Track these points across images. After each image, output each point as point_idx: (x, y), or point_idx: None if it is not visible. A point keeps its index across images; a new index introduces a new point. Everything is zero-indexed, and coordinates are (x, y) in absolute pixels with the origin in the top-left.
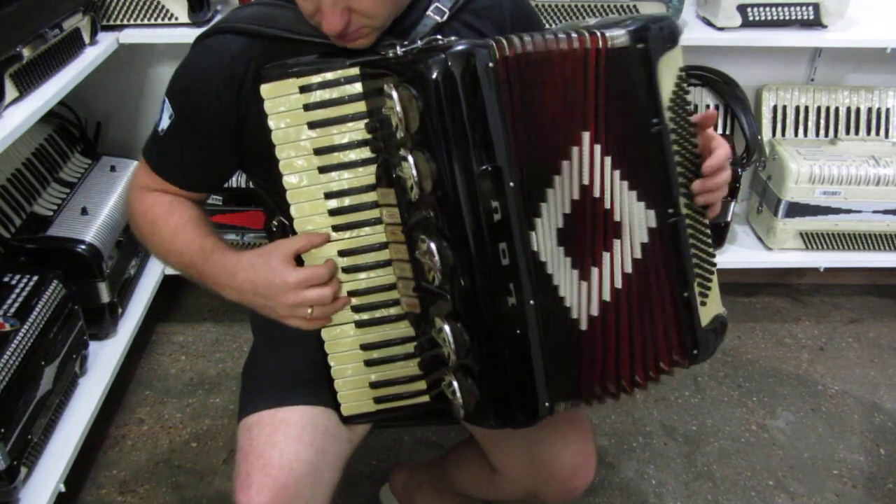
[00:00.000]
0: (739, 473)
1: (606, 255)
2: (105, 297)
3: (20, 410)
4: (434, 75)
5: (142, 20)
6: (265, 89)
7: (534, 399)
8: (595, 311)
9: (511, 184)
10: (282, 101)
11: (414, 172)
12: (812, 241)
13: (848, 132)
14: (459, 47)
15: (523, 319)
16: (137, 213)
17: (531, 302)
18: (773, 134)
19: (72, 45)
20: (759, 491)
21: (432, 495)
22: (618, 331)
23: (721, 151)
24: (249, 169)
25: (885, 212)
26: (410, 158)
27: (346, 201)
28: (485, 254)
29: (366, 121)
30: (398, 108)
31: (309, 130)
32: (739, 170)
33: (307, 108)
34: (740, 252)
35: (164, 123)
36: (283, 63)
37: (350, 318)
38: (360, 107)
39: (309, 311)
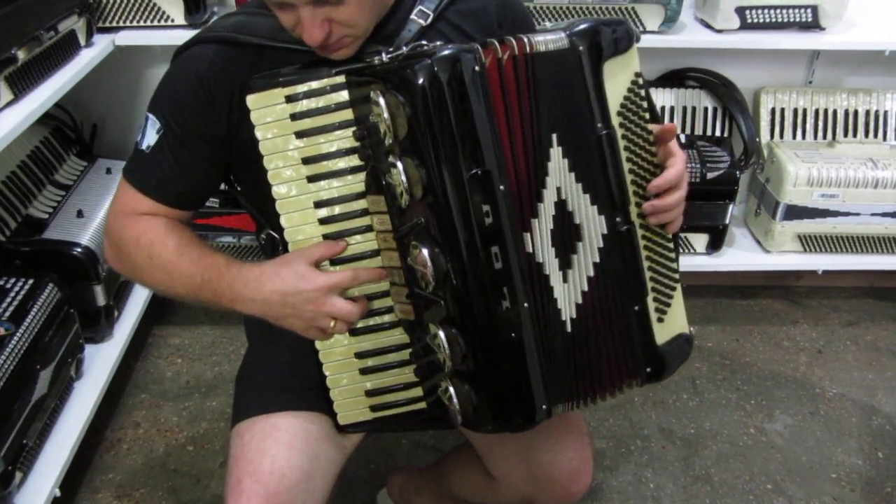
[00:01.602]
0: (737, 477)
1: (574, 258)
2: (101, 300)
3: (15, 415)
4: (420, 81)
5: (137, 22)
6: (251, 100)
7: (530, 402)
8: (574, 314)
9: (502, 187)
10: (268, 111)
11: (403, 179)
12: (810, 243)
13: (846, 135)
14: (445, 52)
15: (518, 323)
16: (128, 240)
17: (525, 305)
18: (772, 136)
19: (67, 48)
20: (758, 495)
21: (429, 499)
22: (588, 337)
23: (672, 171)
24: (237, 180)
25: (884, 214)
26: (399, 165)
27: (336, 209)
28: (477, 258)
29: (353, 129)
30: (386, 115)
31: (297, 140)
32: (738, 172)
33: (294, 117)
34: (738, 254)
35: (150, 140)
36: (269, 73)
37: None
38: (348, 115)
39: (332, 323)
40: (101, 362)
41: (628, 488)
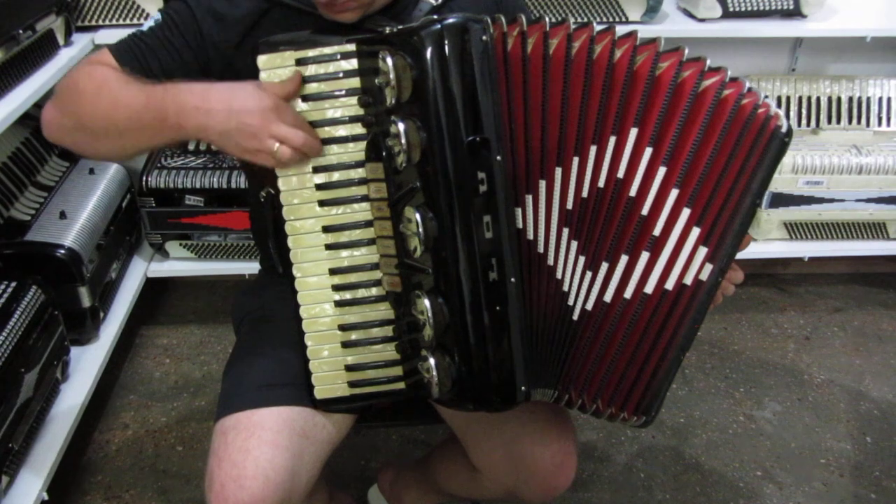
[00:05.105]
0: (727, 465)
1: (625, 259)
2: (86, 301)
3: (0, 418)
4: (427, 44)
5: (117, 21)
6: (262, 60)
7: (511, 382)
8: (590, 307)
9: (499, 157)
10: (278, 73)
11: (404, 141)
12: (796, 231)
13: (830, 122)
14: (454, 19)
15: (504, 296)
16: (82, 76)
17: (512, 280)
18: None
19: (45, 47)
20: (748, 482)
21: (419, 494)
22: (605, 339)
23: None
24: None
25: (868, 200)
26: (401, 125)
27: (335, 176)
28: (469, 225)
29: (359, 96)
30: (392, 76)
31: (302, 103)
32: None
33: (302, 81)
34: None
35: (145, 28)
36: (280, 36)
37: (330, 298)
38: (355, 83)
39: (276, 146)
40: (87, 364)
41: (619, 478)
